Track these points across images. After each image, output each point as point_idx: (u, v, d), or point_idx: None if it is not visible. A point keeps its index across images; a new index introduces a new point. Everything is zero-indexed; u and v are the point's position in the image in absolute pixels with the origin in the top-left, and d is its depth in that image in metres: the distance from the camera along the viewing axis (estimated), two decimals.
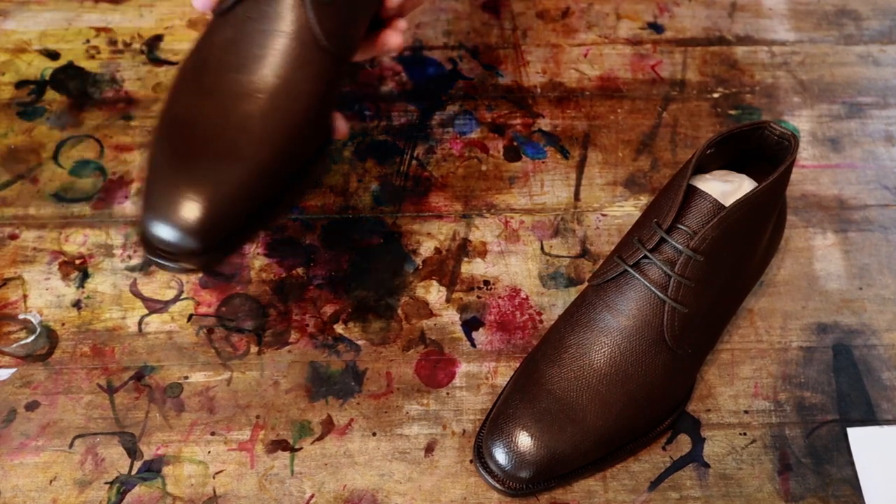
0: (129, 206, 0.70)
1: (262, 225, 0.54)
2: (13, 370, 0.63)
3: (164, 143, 0.52)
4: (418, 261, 0.68)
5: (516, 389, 0.59)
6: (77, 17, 0.81)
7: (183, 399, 0.62)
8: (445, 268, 0.68)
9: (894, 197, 0.73)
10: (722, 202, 0.57)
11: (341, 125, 0.59)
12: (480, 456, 0.59)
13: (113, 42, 0.80)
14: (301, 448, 0.60)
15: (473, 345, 0.65)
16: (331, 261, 0.68)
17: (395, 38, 0.60)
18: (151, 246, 0.51)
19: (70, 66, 0.78)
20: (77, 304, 0.66)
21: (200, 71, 0.54)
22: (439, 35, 0.81)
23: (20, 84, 0.77)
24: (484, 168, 0.73)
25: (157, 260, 0.51)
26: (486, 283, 0.67)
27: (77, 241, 0.69)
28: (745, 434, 0.61)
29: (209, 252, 0.51)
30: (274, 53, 0.53)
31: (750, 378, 0.64)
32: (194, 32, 0.80)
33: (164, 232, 0.49)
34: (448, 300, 0.66)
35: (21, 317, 0.65)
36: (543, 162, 0.74)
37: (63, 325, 0.65)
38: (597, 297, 0.59)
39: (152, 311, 0.65)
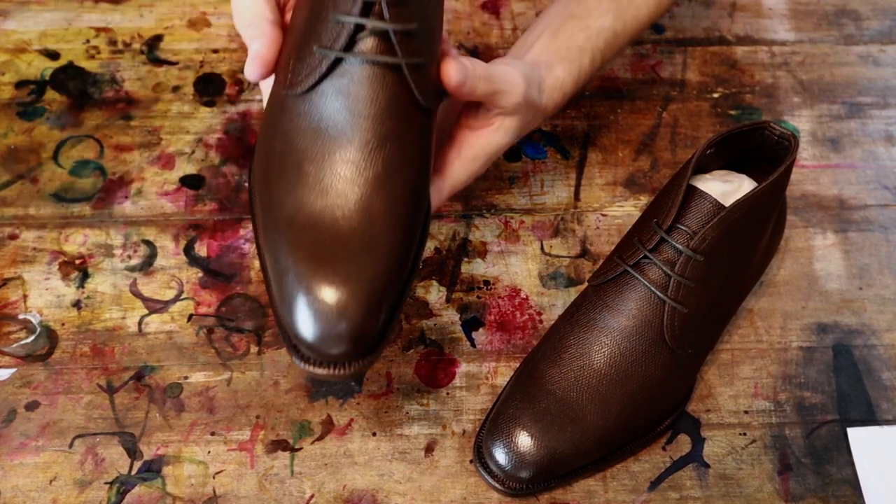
0: (128, 206, 0.70)
1: (402, 307, 0.51)
2: (13, 370, 0.63)
3: (293, 249, 0.49)
4: None
5: (516, 389, 0.59)
6: (77, 17, 0.81)
7: (183, 399, 0.62)
8: (445, 268, 0.68)
9: (894, 197, 0.73)
10: (722, 202, 0.57)
11: None
12: (480, 456, 0.59)
13: (113, 42, 0.80)
14: (301, 448, 0.60)
15: (473, 345, 0.65)
16: None
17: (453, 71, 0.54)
18: (305, 355, 0.49)
19: (70, 66, 0.78)
20: (77, 304, 0.66)
21: (299, 162, 0.50)
22: None
23: (20, 84, 0.77)
24: None
25: (314, 370, 0.49)
26: (486, 283, 0.67)
27: (77, 241, 0.69)
28: (745, 434, 0.61)
29: (367, 350, 0.49)
30: (380, 130, 0.50)
31: (750, 378, 0.64)
32: (194, 32, 0.80)
33: (319, 336, 0.47)
34: (448, 300, 0.66)
35: (21, 317, 0.65)
36: (543, 162, 0.74)
37: (63, 325, 0.65)
38: (597, 297, 0.59)
39: (152, 311, 0.66)
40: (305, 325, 0.48)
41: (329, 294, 0.47)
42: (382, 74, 0.49)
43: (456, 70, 0.52)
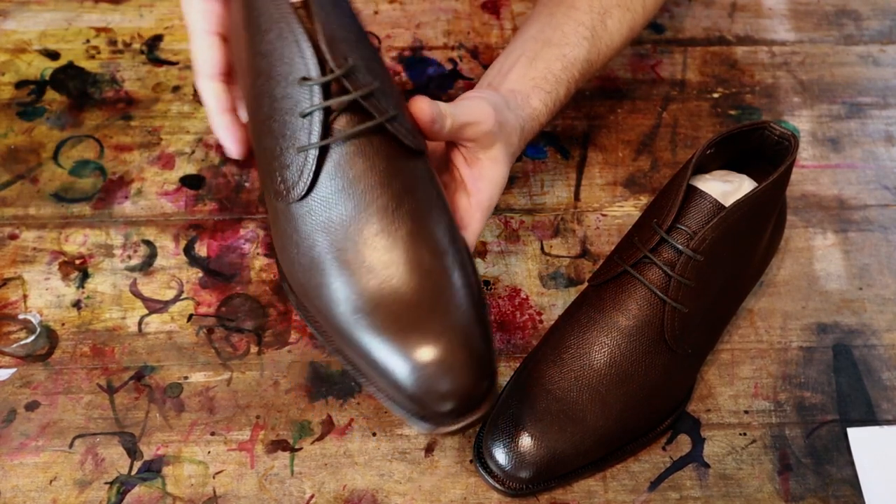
0: (128, 206, 0.70)
1: (493, 337, 0.53)
2: (13, 370, 0.63)
3: (376, 334, 0.49)
4: None
5: (516, 389, 0.59)
6: (77, 17, 0.81)
7: (183, 399, 0.62)
8: None
9: (894, 197, 0.73)
10: (722, 202, 0.57)
11: None
12: (480, 456, 0.59)
13: (113, 42, 0.80)
14: (301, 448, 0.60)
15: None
16: None
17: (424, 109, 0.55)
18: (430, 418, 0.50)
19: (70, 66, 0.78)
20: (77, 304, 0.66)
21: (333, 257, 0.50)
22: (439, 35, 0.81)
23: (20, 84, 0.77)
24: None
25: (446, 429, 0.50)
26: (486, 283, 0.67)
27: (77, 241, 0.69)
28: (745, 434, 0.61)
29: (490, 384, 0.50)
30: (391, 191, 0.50)
31: (750, 378, 0.64)
32: None
33: (434, 394, 0.48)
34: None
35: (21, 317, 0.65)
36: (543, 162, 0.74)
37: (63, 325, 0.65)
38: (597, 297, 0.59)
39: (152, 311, 0.65)
40: (423, 391, 0.48)
41: (431, 355, 0.48)
42: (369, 141, 0.50)
43: (427, 105, 0.52)
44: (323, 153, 0.49)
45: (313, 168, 0.49)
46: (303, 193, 0.50)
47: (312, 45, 0.48)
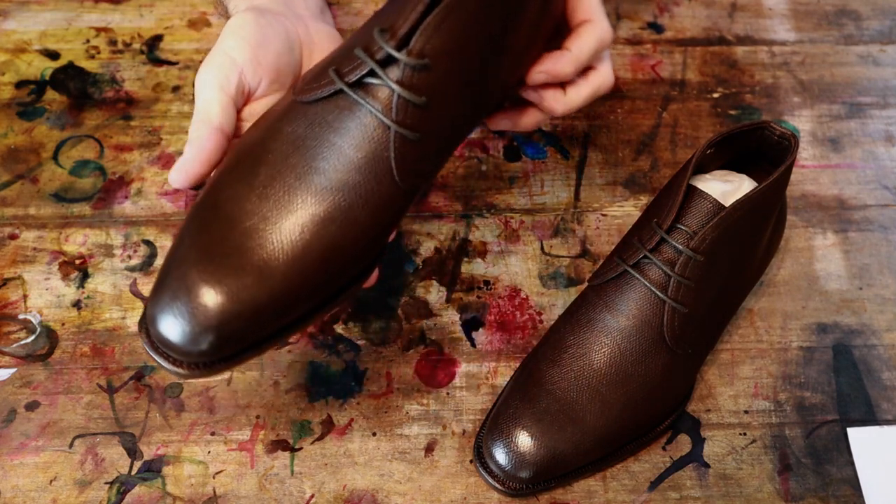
0: (128, 206, 0.70)
1: (280, 339, 0.49)
2: (13, 370, 0.63)
3: (199, 232, 0.47)
4: (418, 261, 0.68)
5: (516, 389, 0.59)
6: (77, 17, 0.81)
7: (183, 399, 0.62)
8: (445, 268, 0.68)
9: (894, 197, 0.73)
10: (722, 202, 0.57)
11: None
12: (480, 456, 0.59)
13: (113, 42, 0.80)
14: (301, 448, 0.60)
15: (473, 345, 0.65)
16: None
17: (533, 118, 0.60)
18: (152, 340, 0.47)
19: (70, 66, 0.78)
20: (77, 304, 0.66)
21: (259, 159, 0.49)
22: None
23: (20, 84, 0.77)
24: (484, 168, 0.73)
25: (154, 356, 0.47)
26: (486, 283, 0.67)
27: (77, 241, 0.69)
28: (745, 434, 0.61)
29: (216, 360, 0.47)
30: (340, 172, 0.48)
31: (750, 378, 0.64)
32: (194, 32, 0.80)
33: (172, 330, 0.45)
34: (448, 300, 0.66)
35: (21, 317, 0.65)
36: (543, 162, 0.74)
37: (63, 325, 0.65)
38: (597, 297, 0.59)
39: None
40: (166, 309, 0.46)
41: (197, 291, 0.45)
42: (373, 126, 0.48)
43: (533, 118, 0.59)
44: (339, 93, 0.49)
45: (322, 96, 0.49)
46: (306, 99, 0.49)
47: (415, 19, 0.47)
